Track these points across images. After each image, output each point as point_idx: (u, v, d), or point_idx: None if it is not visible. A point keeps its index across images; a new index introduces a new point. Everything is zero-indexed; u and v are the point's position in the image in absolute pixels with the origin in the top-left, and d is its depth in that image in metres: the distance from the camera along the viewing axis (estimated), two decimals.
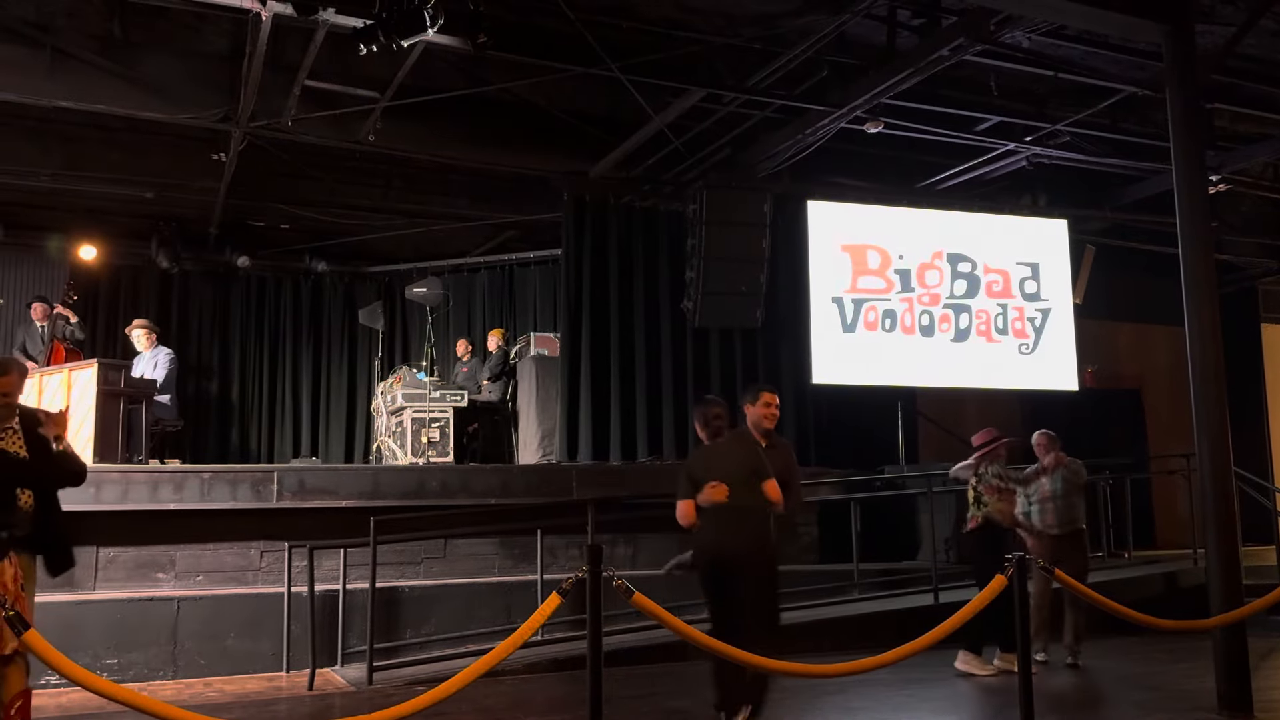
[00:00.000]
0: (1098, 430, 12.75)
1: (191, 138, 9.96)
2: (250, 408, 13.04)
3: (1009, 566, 4.56)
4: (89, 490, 7.41)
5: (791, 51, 8.64)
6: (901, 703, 6.03)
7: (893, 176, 11.32)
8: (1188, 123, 6.18)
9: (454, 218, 12.04)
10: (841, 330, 10.73)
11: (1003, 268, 11.40)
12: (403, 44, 6.90)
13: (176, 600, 7.22)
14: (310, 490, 8.05)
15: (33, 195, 10.93)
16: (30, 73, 8.39)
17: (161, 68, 8.76)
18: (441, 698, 3.64)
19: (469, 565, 8.43)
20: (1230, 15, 8.12)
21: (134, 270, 12.53)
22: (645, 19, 8.51)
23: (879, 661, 4.37)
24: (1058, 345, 11.52)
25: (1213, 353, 5.92)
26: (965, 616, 4.61)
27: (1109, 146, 10.56)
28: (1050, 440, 7.38)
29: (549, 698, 6.34)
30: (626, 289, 10.81)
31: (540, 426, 10.79)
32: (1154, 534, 12.70)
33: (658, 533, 8.52)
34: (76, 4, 8.28)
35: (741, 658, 4.25)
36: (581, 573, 3.91)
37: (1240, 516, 5.96)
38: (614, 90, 9.14)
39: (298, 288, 13.42)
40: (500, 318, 13.04)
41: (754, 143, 10.15)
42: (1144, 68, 9.02)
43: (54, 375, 8.61)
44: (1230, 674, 5.63)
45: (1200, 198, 6.19)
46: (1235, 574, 5.79)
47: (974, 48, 8.13)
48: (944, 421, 12.39)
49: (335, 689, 6.70)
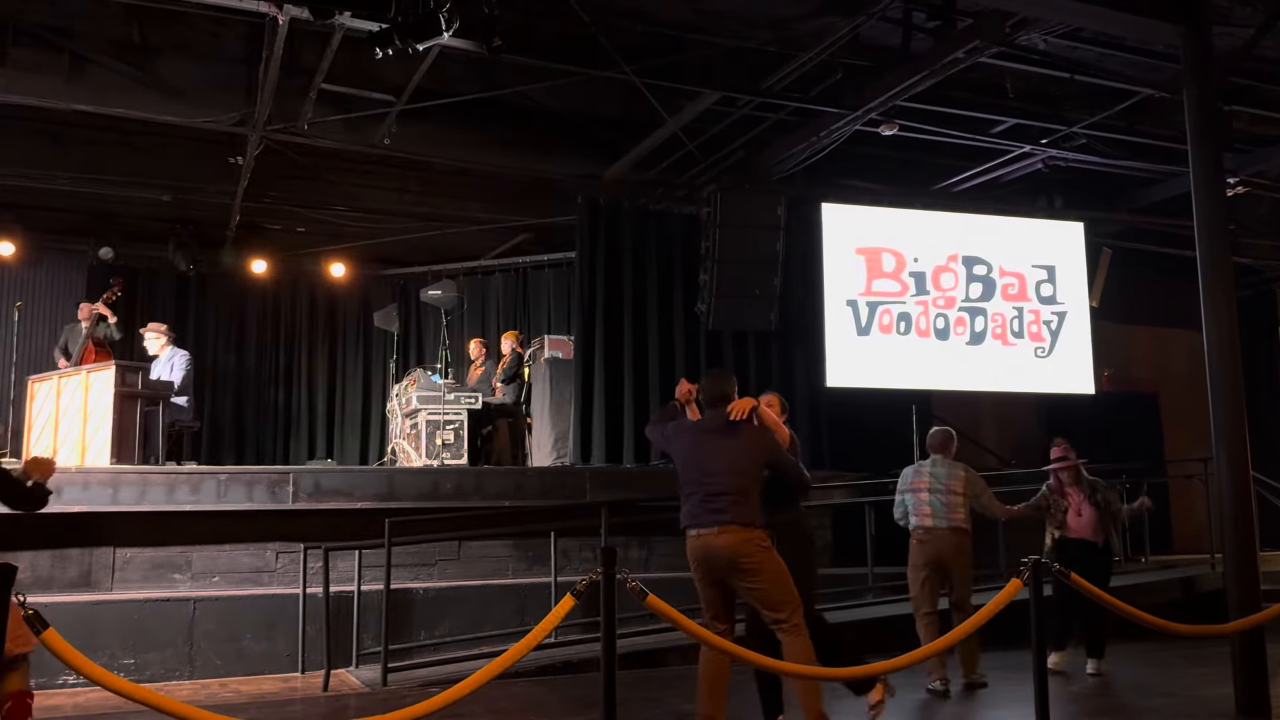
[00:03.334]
0: (1114, 434, 12.67)
1: (208, 141, 10.01)
2: (266, 409, 13.10)
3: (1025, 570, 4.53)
4: (106, 491, 7.50)
5: (806, 54, 8.63)
6: (917, 706, 6.00)
7: (907, 179, 11.29)
8: (1205, 125, 6.14)
9: (469, 221, 12.08)
10: (856, 333, 10.71)
11: (1018, 271, 11.35)
12: (418, 48, 6.93)
13: (193, 601, 7.26)
14: (325, 492, 8.08)
15: (51, 198, 11.02)
16: (49, 77, 8.46)
17: (179, 71, 8.82)
18: (455, 699, 3.65)
19: (483, 567, 8.44)
20: (1248, 17, 8.07)
21: (151, 273, 12.62)
22: (659, 22, 8.52)
23: (895, 664, 4.35)
24: (1074, 348, 11.46)
25: (1230, 356, 5.88)
26: (981, 621, 4.60)
27: (1125, 149, 10.50)
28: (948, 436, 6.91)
29: (562, 700, 6.34)
30: (640, 292, 10.82)
31: (554, 429, 10.80)
32: (1171, 539, 12.63)
33: (671, 535, 8.45)
34: (95, 9, 8.34)
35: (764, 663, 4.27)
36: (595, 575, 3.91)
37: (1258, 521, 5.92)
38: (628, 93, 9.15)
39: (313, 290, 13.49)
40: (514, 320, 13.06)
41: (768, 146, 10.14)
42: (1161, 70, 8.97)
43: (72, 377, 8.67)
44: (1248, 679, 5.59)
45: (1218, 200, 6.16)
46: (1253, 579, 5.75)
47: (989, 50, 8.10)
48: (959, 425, 12.32)
49: (350, 690, 6.72)
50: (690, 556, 4.76)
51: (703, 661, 4.71)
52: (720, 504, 4.65)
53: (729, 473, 4.70)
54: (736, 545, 4.61)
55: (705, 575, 4.74)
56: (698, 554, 4.72)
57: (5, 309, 11.51)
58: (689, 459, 4.84)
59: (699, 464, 4.78)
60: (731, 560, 4.62)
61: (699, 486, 4.73)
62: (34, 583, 7.10)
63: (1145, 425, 13.79)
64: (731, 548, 4.61)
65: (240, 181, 10.27)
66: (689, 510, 4.75)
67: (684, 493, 4.82)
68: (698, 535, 4.70)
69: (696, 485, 4.74)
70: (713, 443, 4.79)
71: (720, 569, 4.68)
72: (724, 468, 4.71)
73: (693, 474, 4.78)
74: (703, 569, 4.73)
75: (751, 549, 4.61)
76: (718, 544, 4.63)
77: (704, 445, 4.81)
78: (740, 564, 4.62)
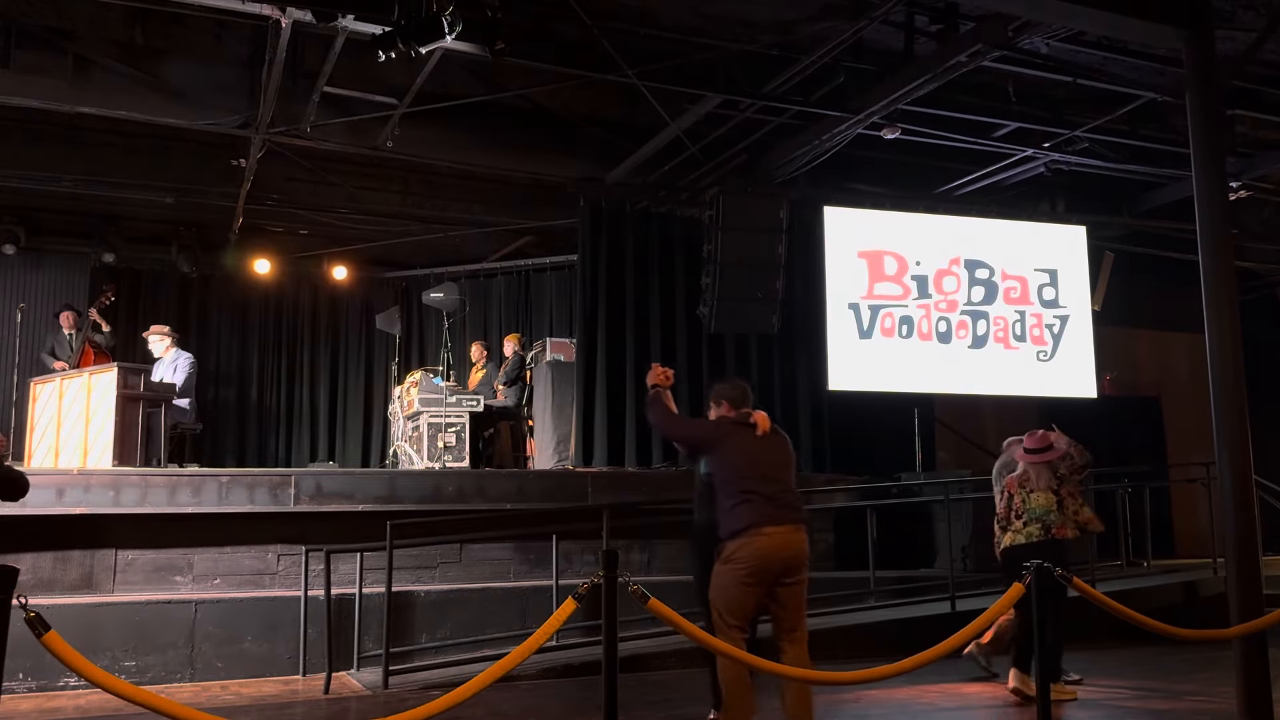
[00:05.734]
0: (1116, 438, 12.67)
1: (211, 143, 10.04)
2: (268, 412, 13.13)
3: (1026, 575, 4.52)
4: (108, 493, 7.50)
5: (808, 57, 8.62)
6: (918, 711, 6.00)
7: (910, 182, 11.29)
8: (1208, 129, 6.14)
9: (471, 223, 12.10)
10: (858, 336, 10.70)
11: (1021, 274, 11.35)
12: (421, 51, 6.92)
13: (194, 603, 7.25)
14: (327, 494, 8.07)
15: (54, 200, 11.04)
16: (53, 79, 8.46)
17: (182, 74, 8.83)
18: (456, 702, 3.65)
19: (484, 570, 8.44)
20: (1251, 21, 8.07)
21: (154, 275, 12.64)
22: (662, 25, 8.52)
23: (895, 669, 4.35)
24: (1076, 352, 11.45)
25: (1233, 360, 5.87)
26: (981, 624, 4.60)
27: (1128, 153, 10.50)
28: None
29: (564, 703, 6.34)
30: (642, 294, 10.81)
31: (556, 432, 10.80)
32: (1173, 543, 12.60)
33: (673, 538, 8.52)
34: (98, 11, 8.35)
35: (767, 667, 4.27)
36: (596, 578, 3.91)
37: (1261, 525, 5.92)
38: (631, 96, 9.16)
39: (316, 293, 13.51)
40: (516, 323, 13.07)
41: (770, 149, 10.14)
42: (1164, 74, 8.97)
43: (74, 379, 8.68)
44: (1250, 684, 5.59)
45: (1221, 204, 6.15)
46: (1256, 583, 5.74)
47: (992, 53, 8.09)
48: (961, 428, 12.35)
49: (351, 693, 6.72)
50: (754, 557, 4.59)
51: (730, 673, 4.62)
52: (790, 501, 4.74)
53: (788, 474, 4.81)
54: (804, 545, 4.74)
55: (763, 578, 4.62)
56: (768, 553, 4.60)
57: (8, 311, 11.54)
58: (747, 459, 4.76)
59: (760, 464, 4.75)
60: (797, 559, 4.68)
61: (762, 484, 4.67)
62: (36, 585, 7.10)
63: (1147, 429, 13.79)
64: (802, 546, 4.71)
65: (243, 184, 10.28)
66: (755, 510, 4.62)
67: (738, 491, 4.68)
68: (773, 533, 4.61)
69: (759, 483, 4.67)
70: (765, 443, 4.83)
71: (779, 569, 4.63)
72: (784, 468, 4.81)
73: (753, 472, 4.71)
74: (762, 569, 4.60)
75: (808, 549, 4.77)
76: (795, 541, 4.67)
77: (760, 445, 4.81)
78: (800, 563, 4.70)
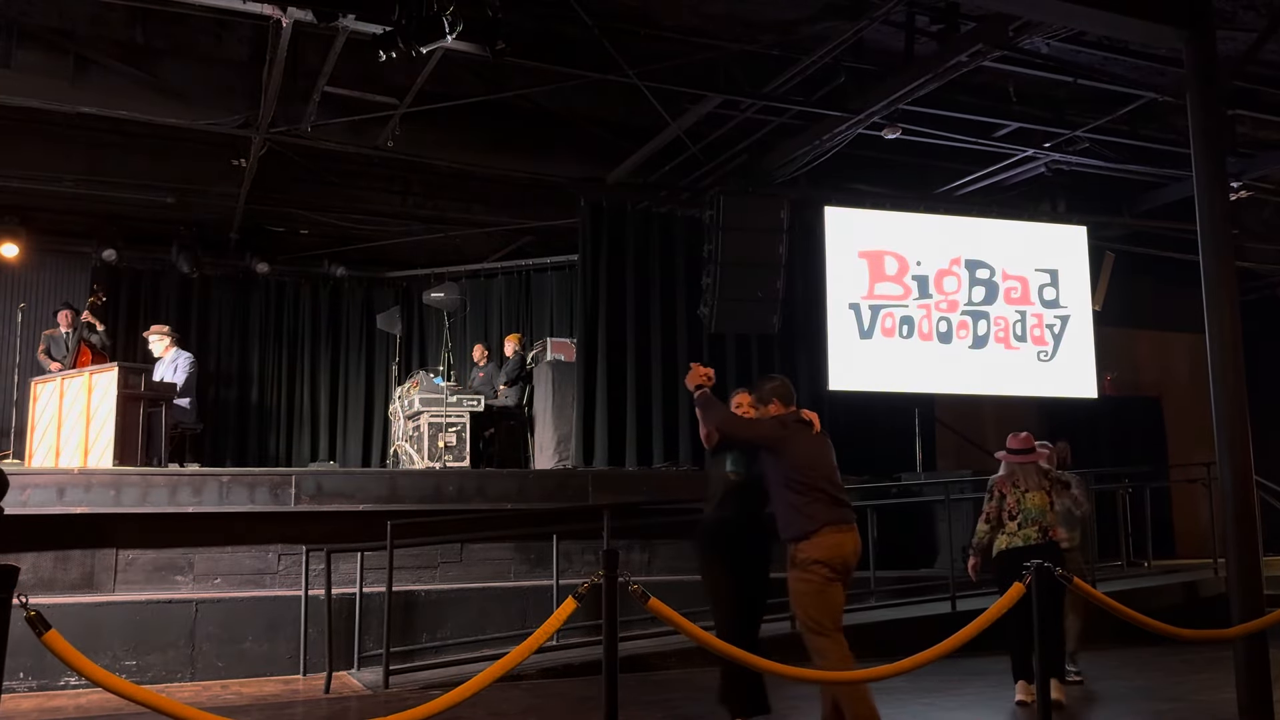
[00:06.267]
0: (1117, 438, 12.68)
1: (212, 143, 10.03)
2: (269, 411, 13.13)
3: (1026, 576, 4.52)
4: (109, 493, 7.50)
5: (809, 58, 8.63)
6: (918, 711, 6.00)
7: (910, 182, 11.30)
8: (1208, 129, 6.14)
9: (472, 223, 12.10)
10: (859, 336, 10.70)
11: (1021, 274, 11.35)
12: (422, 51, 6.93)
13: (195, 602, 7.26)
14: (328, 494, 8.08)
15: (55, 200, 11.04)
16: (54, 79, 8.47)
17: (183, 74, 8.84)
18: (457, 701, 3.65)
19: (485, 570, 8.44)
20: (1252, 21, 8.07)
21: (154, 275, 12.64)
22: (663, 26, 8.53)
23: (895, 669, 4.35)
24: (1077, 352, 11.45)
25: (1233, 360, 5.87)
26: (983, 625, 4.59)
27: (1129, 153, 10.50)
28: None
29: (564, 702, 6.34)
30: (643, 295, 10.82)
31: (556, 432, 10.80)
32: (1174, 543, 12.60)
33: (674, 538, 8.52)
34: (99, 11, 8.36)
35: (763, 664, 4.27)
36: (597, 578, 3.91)
37: (1261, 526, 5.92)
38: (631, 96, 9.15)
39: (316, 292, 13.52)
40: (517, 323, 13.06)
41: (771, 149, 10.14)
42: (1164, 74, 8.97)
43: (75, 379, 8.68)
44: (1251, 685, 5.59)
45: (1221, 204, 6.15)
46: (1256, 584, 5.74)
47: (992, 54, 8.10)
48: (962, 428, 12.35)
49: (351, 692, 6.72)
50: (834, 556, 4.67)
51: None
52: (848, 500, 4.86)
53: (838, 473, 4.92)
54: (860, 544, 4.83)
55: (842, 573, 4.72)
56: (844, 550, 4.71)
57: (9, 310, 11.54)
58: (812, 459, 4.83)
59: (823, 463, 4.86)
60: (857, 557, 4.80)
61: (827, 484, 4.79)
62: (36, 584, 7.11)
63: (1148, 429, 13.78)
64: (859, 546, 4.82)
65: (244, 184, 10.29)
66: (826, 508, 4.71)
67: (809, 489, 4.73)
68: (844, 530, 4.73)
69: (825, 483, 4.78)
70: (821, 441, 4.92)
71: (852, 566, 4.78)
72: (836, 468, 4.91)
73: (817, 473, 4.79)
74: (842, 565, 4.71)
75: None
76: (857, 540, 4.80)
77: (819, 443, 4.90)
78: (856, 563, 4.81)
